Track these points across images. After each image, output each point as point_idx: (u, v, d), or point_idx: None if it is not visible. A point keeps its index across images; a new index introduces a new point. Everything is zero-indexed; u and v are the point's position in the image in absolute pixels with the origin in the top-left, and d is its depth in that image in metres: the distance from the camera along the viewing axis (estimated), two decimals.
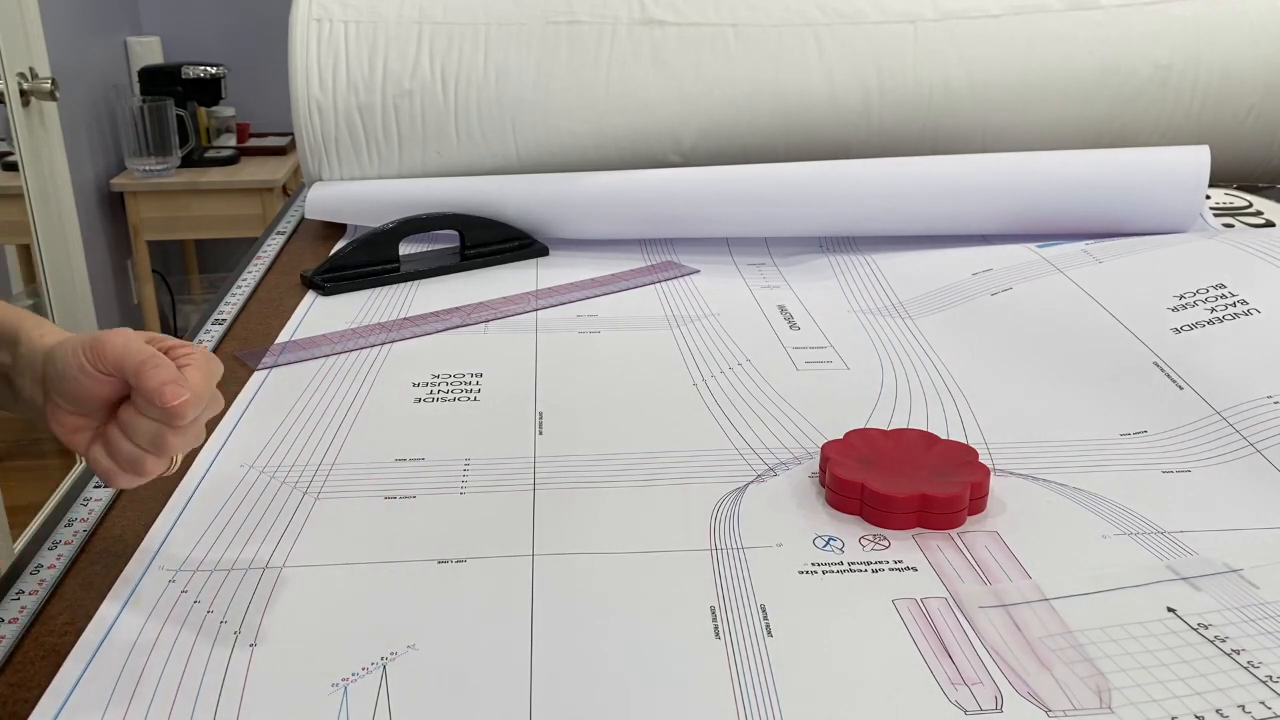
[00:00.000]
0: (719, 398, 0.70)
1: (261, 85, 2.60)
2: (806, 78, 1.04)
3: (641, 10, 1.04)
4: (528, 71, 1.03)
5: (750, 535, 0.54)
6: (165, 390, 0.45)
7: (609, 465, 0.62)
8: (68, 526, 0.56)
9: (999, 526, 0.55)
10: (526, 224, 1.00)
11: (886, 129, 1.05)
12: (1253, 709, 0.42)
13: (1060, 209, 0.93)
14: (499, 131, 1.04)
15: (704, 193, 0.97)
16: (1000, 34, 1.05)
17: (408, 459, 0.62)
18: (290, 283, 0.93)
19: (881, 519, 0.55)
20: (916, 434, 0.61)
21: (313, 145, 1.04)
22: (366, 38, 1.03)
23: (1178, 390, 0.67)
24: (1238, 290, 0.73)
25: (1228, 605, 0.48)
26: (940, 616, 0.48)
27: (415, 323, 0.83)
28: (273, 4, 2.52)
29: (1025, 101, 1.05)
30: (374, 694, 0.43)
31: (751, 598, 0.49)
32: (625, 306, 0.87)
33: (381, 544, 0.54)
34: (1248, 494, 0.57)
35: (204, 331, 0.81)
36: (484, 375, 0.74)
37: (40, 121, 1.95)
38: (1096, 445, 0.63)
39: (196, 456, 0.62)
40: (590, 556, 0.53)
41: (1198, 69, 1.06)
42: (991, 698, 0.43)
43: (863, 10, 1.05)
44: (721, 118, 1.04)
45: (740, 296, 0.89)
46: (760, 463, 0.62)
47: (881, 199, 0.96)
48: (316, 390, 0.71)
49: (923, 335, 0.80)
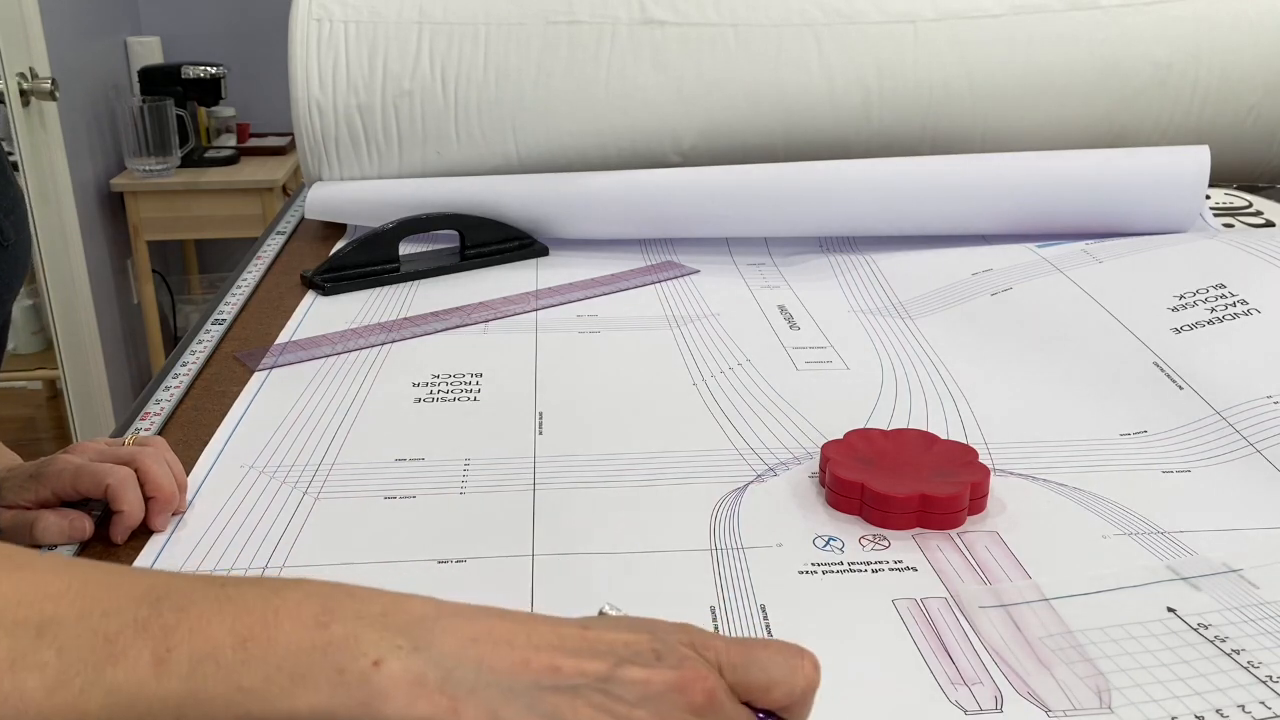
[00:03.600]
0: (719, 398, 0.70)
1: (261, 85, 2.59)
2: (806, 78, 1.04)
3: (641, 10, 1.04)
4: (528, 71, 1.03)
5: (750, 535, 0.54)
6: (116, 537, 0.54)
7: (609, 465, 0.62)
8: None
9: (999, 526, 0.55)
10: (526, 224, 1.00)
11: (886, 129, 1.05)
12: (1253, 709, 0.42)
13: (1060, 209, 0.93)
14: (499, 131, 1.04)
15: (704, 193, 0.97)
16: (1000, 34, 1.05)
17: (408, 459, 0.62)
18: (290, 283, 0.93)
19: (881, 519, 0.55)
20: (916, 434, 0.61)
21: (313, 145, 1.04)
22: (366, 38, 1.03)
23: (1178, 390, 0.67)
24: (1238, 290, 0.73)
25: (1228, 605, 0.48)
26: (940, 616, 0.48)
27: (415, 323, 0.83)
28: (273, 4, 2.52)
29: (1025, 101, 1.05)
30: None
31: (751, 598, 0.49)
32: (625, 306, 0.87)
33: (381, 544, 0.54)
34: (1248, 494, 0.57)
35: (204, 331, 0.81)
36: (484, 375, 0.74)
37: (40, 121, 1.95)
38: (1096, 445, 0.63)
39: (198, 457, 0.62)
40: (590, 556, 0.53)
41: (1198, 69, 1.06)
42: (991, 698, 0.43)
43: (863, 10, 1.05)
44: (721, 118, 1.04)
45: (740, 296, 0.89)
46: (760, 463, 0.62)
47: (881, 199, 0.96)
48: (316, 390, 0.71)
49: (923, 335, 0.80)
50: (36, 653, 0.29)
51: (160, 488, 0.54)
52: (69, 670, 0.29)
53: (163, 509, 0.55)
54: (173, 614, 0.30)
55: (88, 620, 0.29)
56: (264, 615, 0.31)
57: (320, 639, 0.30)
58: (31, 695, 0.28)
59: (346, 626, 0.31)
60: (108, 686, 0.29)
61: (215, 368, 0.76)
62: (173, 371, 0.74)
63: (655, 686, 0.32)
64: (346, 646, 0.30)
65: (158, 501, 0.54)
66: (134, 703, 0.29)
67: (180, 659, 0.29)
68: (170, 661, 0.29)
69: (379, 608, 0.32)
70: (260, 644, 0.30)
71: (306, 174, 1.07)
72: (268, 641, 0.30)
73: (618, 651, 0.32)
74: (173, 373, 0.74)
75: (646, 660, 0.32)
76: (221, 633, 0.30)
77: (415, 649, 0.31)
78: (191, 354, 0.77)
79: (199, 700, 0.29)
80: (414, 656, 0.30)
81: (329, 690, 0.30)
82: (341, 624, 0.31)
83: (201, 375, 0.74)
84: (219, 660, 0.30)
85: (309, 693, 0.30)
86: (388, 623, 0.31)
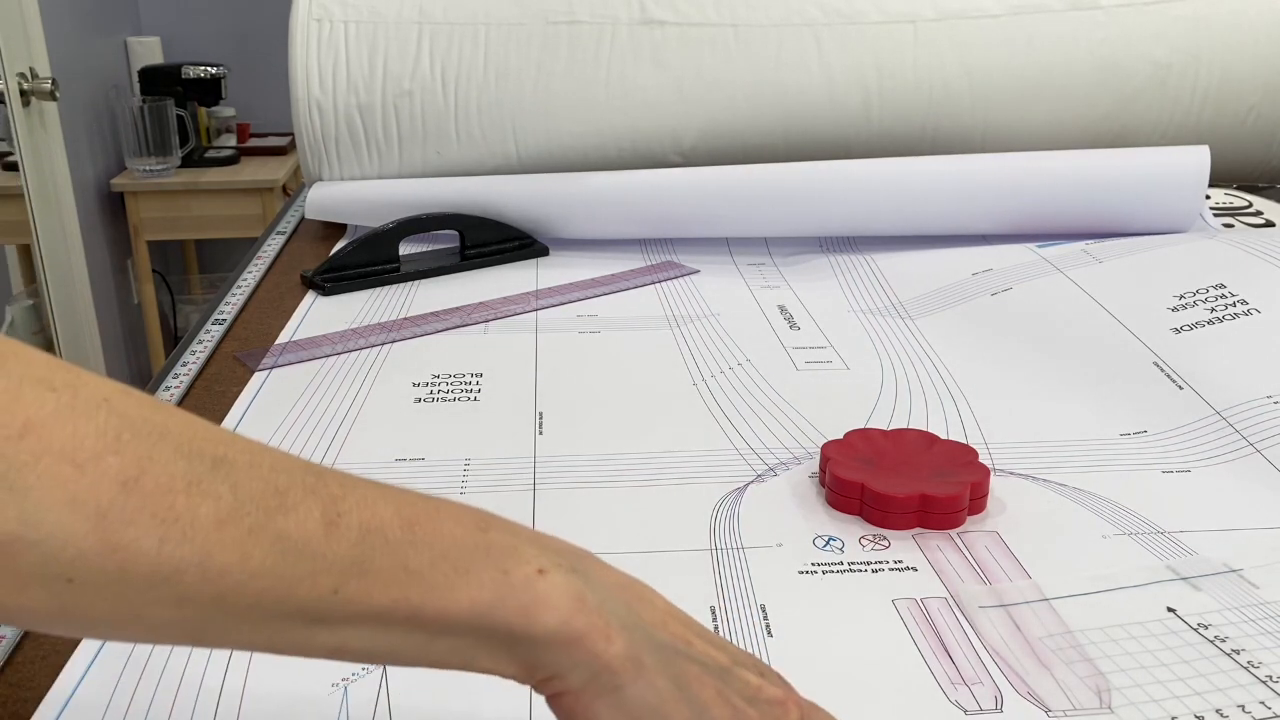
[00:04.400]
0: (719, 398, 0.70)
1: (261, 85, 2.60)
2: (806, 78, 1.04)
3: (641, 10, 1.04)
4: (528, 71, 1.03)
5: (750, 535, 0.54)
6: None
7: (609, 465, 0.62)
8: None
9: (999, 526, 0.55)
10: (526, 224, 1.00)
11: (886, 129, 1.05)
12: (1253, 709, 0.42)
13: (1060, 209, 0.93)
14: (499, 131, 1.04)
15: (704, 193, 0.97)
16: (1000, 34, 1.05)
17: (408, 459, 0.62)
18: (290, 283, 0.93)
19: (881, 519, 0.55)
20: (916, 434, 0.61)
21: (313, 145, 1.04)
22: (366, 38, 1.03)
23: (1178, 390, 0.67)
24: (1238, 290, 0.73)
25: (1228, 605, 0.48)
26: (940, 616, 0.48)
27: (415, 323, 0.83)
28: (273, 4, 2.52)
29: (1025, 101, 1.05)
30: (374, 694, 0.43)
31: (751, 598, 0.49)
32: (625, 306, 0.87)
33: None
34: (1248, 494, 0.57)
35: (204, 331, 0.82)
36: (484, 375, 0.74)
37: (40, 121, 1.95)
38: (1096, 445, 0.63)
39: None
40: None
41: (1198, 69, 1.06)
42: (991, 698, 0.43)
43: (863, 10, 1.05)
44: (721, 118, 1.04)
45: (740, 296, 0.89)
46: (760, 463, 0.62)
47: (881, 199, 0.96)
48: (316, 390, 0.71)
49: (923, 335, 0.80)
50: (213, 483, 0.27)
51: None
52: (242, 508, 0.27)
53: None
54: (338, 486, 0.29)
55: (258, 469, 0.28)
56: (426, 509, 0.30)
57: (483, 540, 0.30)
58: (202, 522, 0.27)
59: (505, 537, 0.31)
60: (277, 532, 0.28)
61: (215, 368, 0.76)
62: (173, 371, 0.74)
63: (765, 694, 0.33)
64: (510, 553, 0.30)
65: None
66: (299, 558, 0.28)
67: (350, 525, 0.29)
68: (340, 525, 0.28)
69: (530, 532, 0.32)
70: (427, 530, 0.29)
71: (306, 174, 1.07)
72: (434, 530, 0.30)
73: (733, 654, 0.34)
74: (173, 373, 0.74)
75: (755, 671, 0.34)
76: (388, 513, 0.29)
77: (574, 570, 0.31)
78: (191, 354, 0.77)
79: (364, 570, 0.28)
80: (574, 576, 0.31)
81: (492, 588, 0.29)
82: (500, 533, 0.31)
83: (201, 375, 0.74)
84: (387, 536, 0.29)
85: (472, 587, 0.29)
86: (544, 544, 0.31)
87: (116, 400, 0.28)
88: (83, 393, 0.27)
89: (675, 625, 0.33)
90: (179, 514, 0.27)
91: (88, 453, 0.26)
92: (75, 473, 0.26)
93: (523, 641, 0.30)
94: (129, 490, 0.26)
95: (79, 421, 0.26)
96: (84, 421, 0.27)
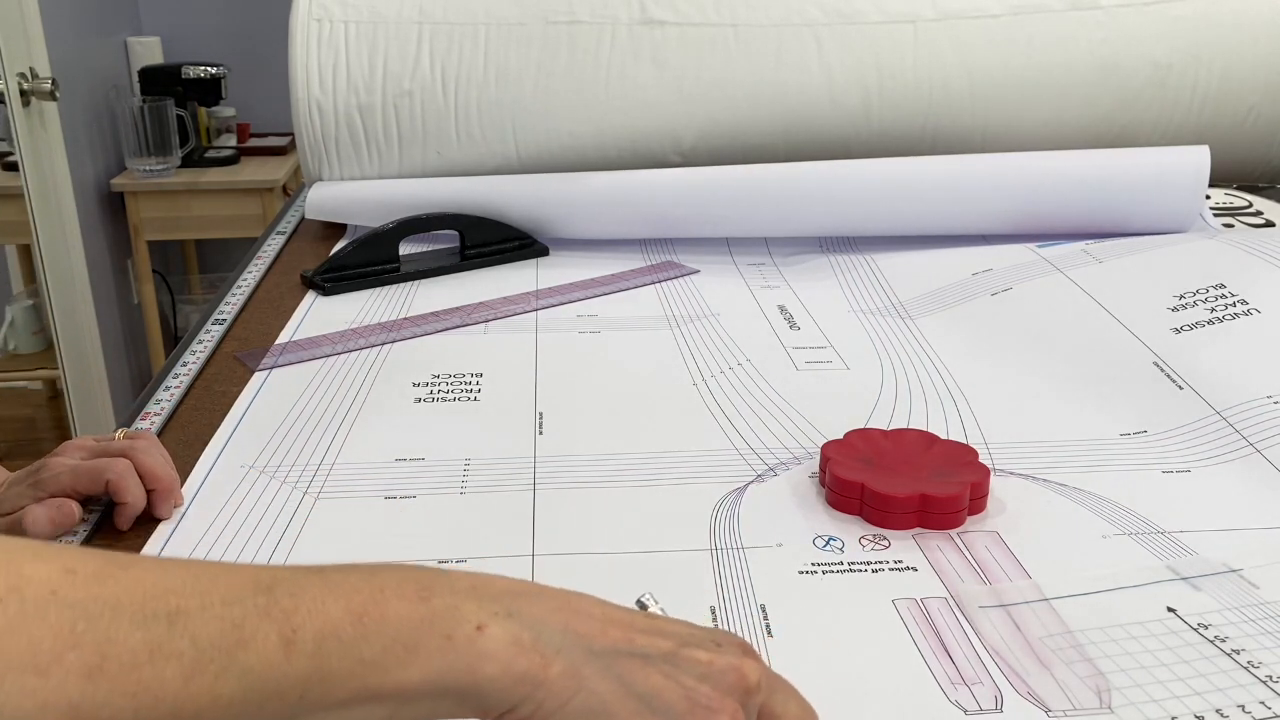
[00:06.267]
0: (719, 398, 0.70)
1: (261, 85, 2.59)
2: (806, 78, 1.04)
3: (641, 10, 1.04)
4: (528, 72, 1.03)
5: (750, 535, 0.54)
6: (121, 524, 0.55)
7: (609, 465, 0.62)
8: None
9: (999, 526, 0.55)
10: (526, 224, 1.00)
11: (886, 129, 1.05)
12: (1253, 709, 0.42)
13: (1060, 209, 0.93)
14: (499, 132, 1.04)
15: (704, 193, 0.97)
16: (1000, 34, 1.05)
17: (408, 459, 0.62)
18: (290, 283, 0.93)
19: (881, 519, 0.55)
20: (916, 434, 0.61)
21: (313, 145, 1.04)
22: (366, 38, 1.03)
23: (1178, 390, 0.67)
24: (1238, 290, 0.73)
25: (1228, 605, 0.48)
26: (940, 616, 0.48)
27: (415, 323, 0.83)
28: (273, 4, 2.51)
29: (1025, 101, 1.05)
30: None
31: (751, 598, 0.49)
32: (625, 306, 0.87)
33: (381, 544, 0.54)
34: (1248, 494, 0.57)
35: (204, 331, 0.82)
36: (484, 375, 0.74)
37: (40, 121, 1.95)
38: (1096, 445, 0.63)
39: (198, 457, 0.62)
40: (590, 556, 0.53)
41: (1198, 69, 1.06)
42: (991, 698, 0.43)
43: (863, 10, 1.05)
44: (721, 118, 1.04)
45: (740, 296, 0.89)
46: (760, 463, 0.62)
47: (881, 199, 0.96)
48: (316, 390, 0.71)
49: (923, 335, 0.80)
50: (172, 642, 0.29)
51: (159, 479, 0.55)
52: (204, 657, 0.29)
53: (164, 499, 0.56)
54: (288, 599, 0.31)
55: (211, 609, 0.30)
56: (371, 594, 0.32)
57: (426, 611, 0.32)
58: (170, 684, 0.29)
59: (445, 599, 0.33)
60: (241, 669, 0.30)
61: (215, 368, 0.76)
62: (173, 371, 0.74)
63: (716, 667, 0.34)
64: (450, 616, 0.32)
65: (159, 493, 0.56)
66: (265, 682, 0.30)
67: (306, 638, 0.31)
68: (297, 641, 0.30)
69: (467, 583, 0.34)
70: (375, 620, 0.32)
71: (306, 174, 1.07)
72: (381, 617, 0.32)
73: (682, 635, 0.35)
74: (173, 373, 0.74)
75: (708, 647, 0.35)
76: (338, 612, 0.31)
77: (509, 614, 0.33)
78: (192, 354, 0.77)
79: (324, 676, 0.31)
80: (509, 621, 0.33)
81: (440, 656, 0.32)
82: (440, 597, 0.33)
83: (202, 375, 0.74)
84: (340, 637, 0.31)
85: (422, 660, 0.31)
86: (480, 594, 0.33)
87: (63, 589, 0.29)
88: (28, 593, 0.28)
89: (614, 629, 0.34)
90: (147, 684, 0.28)
91: (47, 656, 0.27)
92: (40, 680, 0.27)
93: (472, 693, 0.32)
94: (95, 679, 0.28)
95: (31, 627, 0.28)
96: (36, 625, 0.28)
